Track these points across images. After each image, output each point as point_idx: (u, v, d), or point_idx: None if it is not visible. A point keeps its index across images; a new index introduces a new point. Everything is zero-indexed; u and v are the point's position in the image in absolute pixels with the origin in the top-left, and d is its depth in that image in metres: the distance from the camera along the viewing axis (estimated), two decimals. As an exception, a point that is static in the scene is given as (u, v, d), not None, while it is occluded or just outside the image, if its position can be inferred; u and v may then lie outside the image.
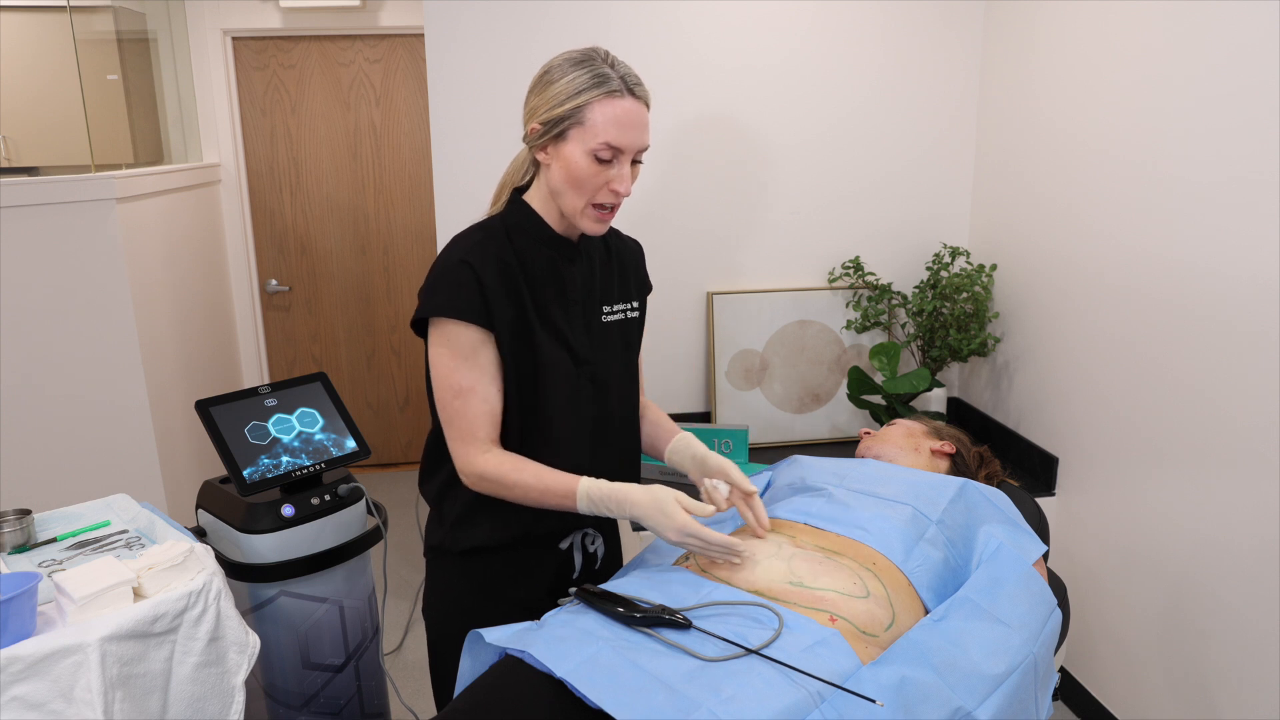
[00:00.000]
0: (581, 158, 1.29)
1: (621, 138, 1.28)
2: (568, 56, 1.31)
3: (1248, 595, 1.77)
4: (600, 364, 1.45)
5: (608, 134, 1.27)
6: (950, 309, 2.59)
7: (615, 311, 1.48)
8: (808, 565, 1.27)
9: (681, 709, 0.99)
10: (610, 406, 1.47)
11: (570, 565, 1.51)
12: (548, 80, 1.31)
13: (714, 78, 2.58)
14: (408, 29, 3.87)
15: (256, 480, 1.77)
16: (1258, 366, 1.71)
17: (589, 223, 1.35)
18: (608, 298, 1.48)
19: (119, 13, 3.48)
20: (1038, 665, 1.25)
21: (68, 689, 1.28)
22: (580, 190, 1.32)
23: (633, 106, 1.29)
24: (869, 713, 1.02)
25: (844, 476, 1.53)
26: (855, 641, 1.16)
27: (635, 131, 1.30)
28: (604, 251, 1.50)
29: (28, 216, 2.59)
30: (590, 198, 1.32)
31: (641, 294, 1.55)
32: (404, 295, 4.21)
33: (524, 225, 1.40)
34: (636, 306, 1.53)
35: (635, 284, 1.54)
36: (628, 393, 1.51)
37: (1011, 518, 1.48)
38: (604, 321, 1.46)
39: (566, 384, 1.40)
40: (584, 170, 1.30)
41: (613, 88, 1.27)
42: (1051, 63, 2.33)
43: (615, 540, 1.61)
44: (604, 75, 1.27)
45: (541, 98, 1.31)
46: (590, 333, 1.44)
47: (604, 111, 1.27)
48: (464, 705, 1.12)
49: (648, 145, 1.33)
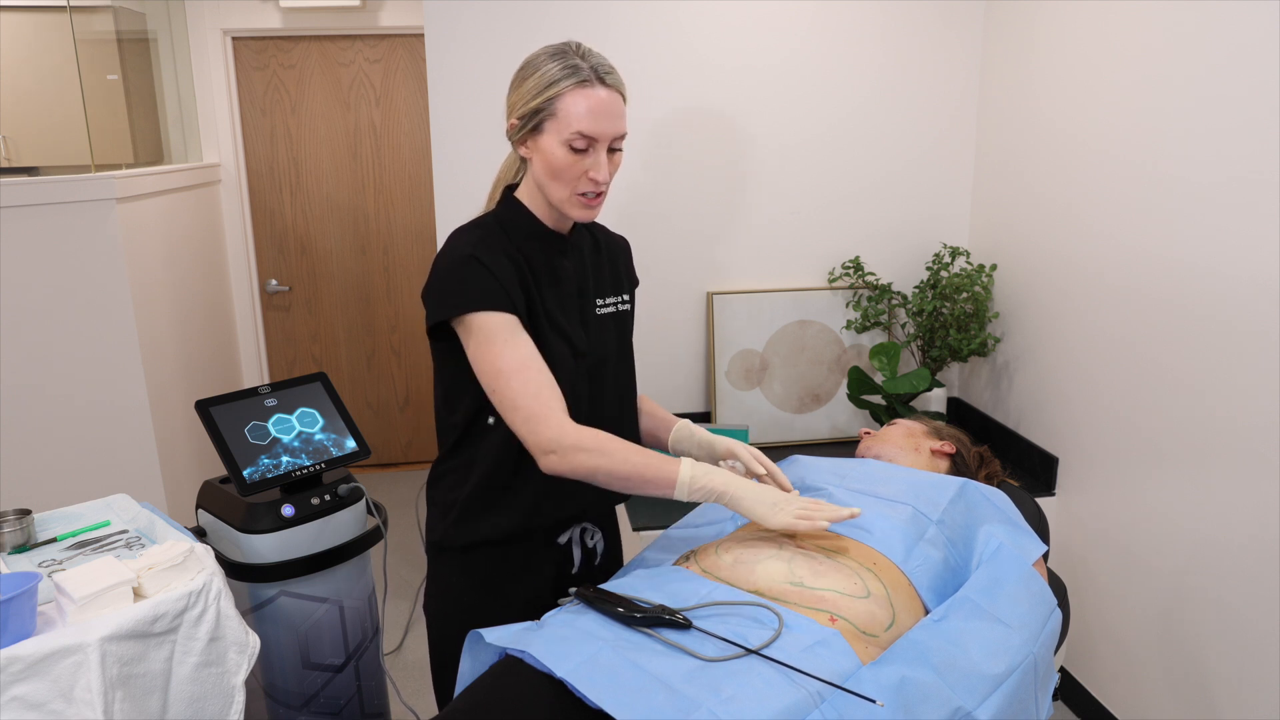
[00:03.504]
0: (557, 148, 1.31)
1: (594, 126, 1.30)
2: (541, 51, 1.34)
3: (1248, 595, 1.77)
4: (596, 356, 1.46)
5: (580, 124, 1.29)
6: (950, 309, 2.59)
7: (608, 304, 1.50)
8: (808, 565, 1.27)
9: (681, 709, 0.99)
10: (608, 398, 1.48)
11: (571, 561, 1.52)
12: (522, 76, 1.34)
13: (714, 78, 2.58)
14: (408, 29, 3.87)
15: (256, 480, 1.77)
16: (1257, 366, 1.71)
17: (577, 210, 1.36)
18: (600, 290, 1.49)
19: (119, 13, 3.48)
20: (1038, 665, 1.25)
21: (68, 689, 1.28)
22: (561, 180, 1.33)
23: (604, 95, 1.30)
24: (869, 713, 1.02)
25: (844, 476, 1.53)
26: (855, 641, 1.16)
27: (607, 120, 1.31)
28: (593, 245, 1.51)
29: (28, 216, 2.59)
30: (573, 188, 1.34)
31: (631, 288, 1.57)
32: (404, 295, 4.21)
33: (517, 221, 1.41)
34: (627, 300, 1.55)
35: (626, 277, 1.57)
36: (625, 385, 1.53)
37: (1011, 518, 1.48)
38: (598, 314, 1.48)
39: (566, 377, 1.40)
40: (561, 160, 1.31)
41: (583, 77, 1.29)
42: (1051, 63, 2.33)
43: (615, 537, 1.62)
44: (574, 66, 1.30)
45: (518, 93, 1.35)
46: (586, 325, 1.45)
47: (575, 101, 1.29)
48: (464, 705, 1.12)
49: (623, 133, 1.35)
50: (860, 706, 1.02)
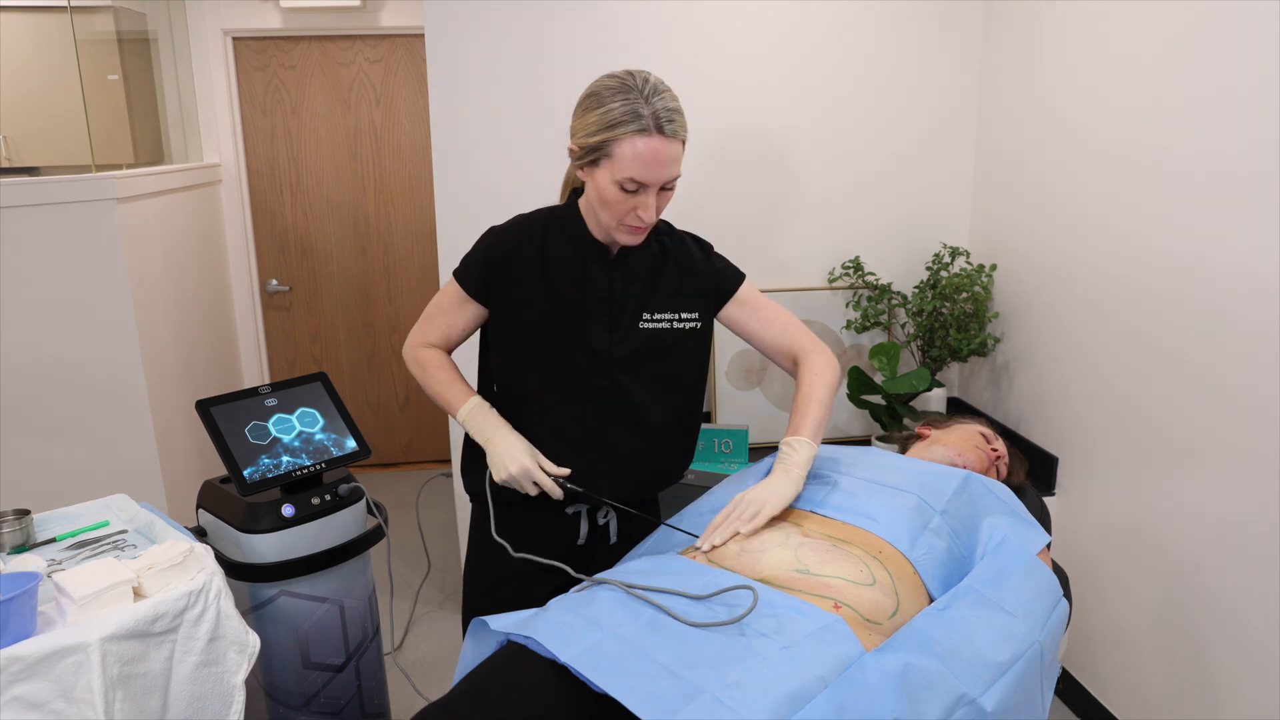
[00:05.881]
0: (610, 186, 1.36)
1: (646, 174, 1.33)
2: (609, 82, 1.36)
3: (1248, 595, 1.77)
4: (621, 364, 1.49)
5: (633, 170, 1.33)
6: (950, 309, 2.59)
7: (659, 319, 1.51)
8: (815, 553, 1.28)
9: (685, 693, 1.00)
10: (628, 406, 1.51)
11: (578, 533, 1.61)
12: (587, 106, 1.37)
13: (714, 78, 2.58)
14: (408, 29, 3.87)
15: (257, 480, 1.77)
16: (1258, 363, 1.71)
17: (623, 236, 1.43)
18: (651, 305, 1.51)
19: (119, 13, 3.48)
20: (1043, 654, 1.25)
21: (68, 689, 1.28)
22: (610, 212, 1.40)
23: (660, 145, 1.33)
24: (872, 699, 1.03)
25: (849, 465, 1.54)
26: (859, 628, 1.17)
27: (660, 168, 1.35)
28: (658, 258, 1.53)
29: (28, 216, 2.59)
30: (620, 220, 1.40)
31: (706, 305, 1.55)
32: (404, 295, 4.21)
33: (566, 223, 1.50)
34: (692, 318, 1.53)
35: (697, 293, 1.54)
36: (657, 397, 1.53)
37: (1015, 509, 1.49)
38: (642, 327, 1.50)
39: (572, 372, 1.49)
40: (612, 197, 1.37)
41: (642, 126, 1.31)
42: (1050, 66, 2.33)
43: (642, 524, 1.62)
44: (635, 111, 1.32)
45: (580, 122, 1.38)
46: (615, 332, 1.49)
47: (632, 148, 1.32)
48: (468, 689, 1.13)
49: (677, 176, 1.38)
50: (863, 693, 1.03)
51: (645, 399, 1.51)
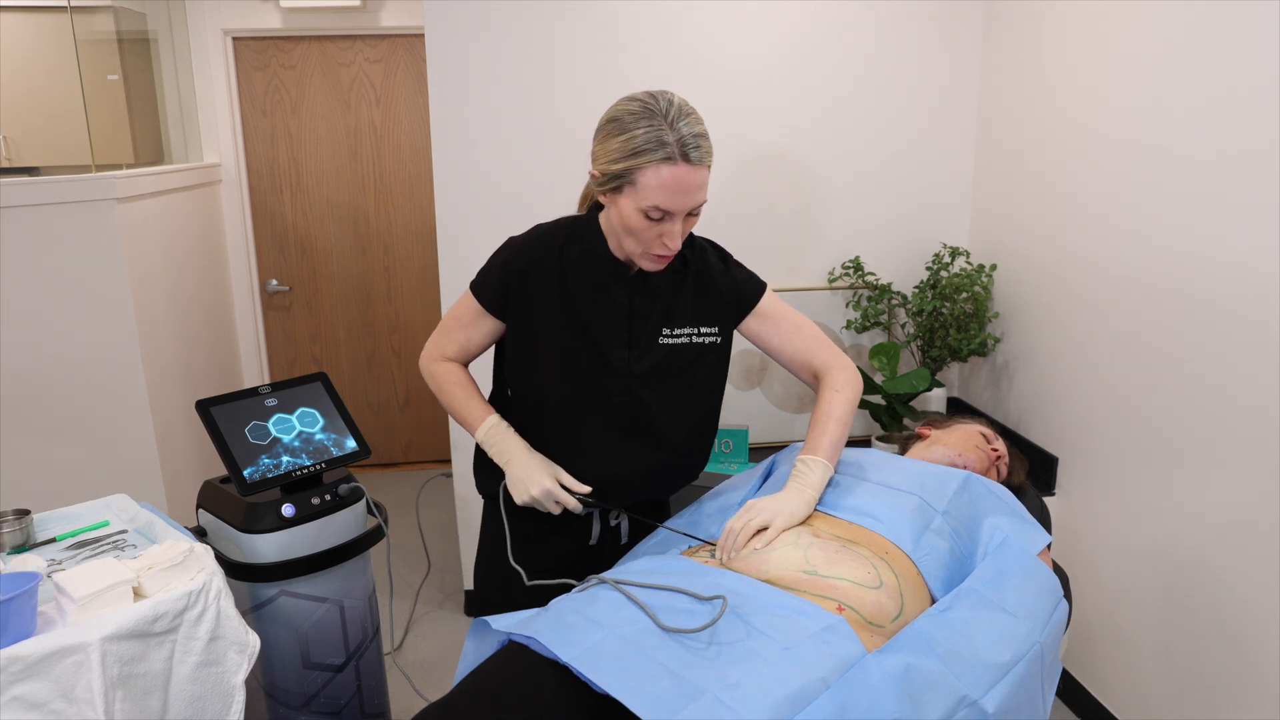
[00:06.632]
0: (633, 213, 1.32)
1: (671, 203, 1.30)
2: (632, 106, 1.31)
3: (1248, 595, 1.77)
4: (640, 380, 1.47)
5: (657, 198, 1.30)
6: (950, 309, 2.59)
7: (679, 335, 1.49)
8: (824, 554, 1.28)
9: (686, 694, 1.00)
10: (647, 421, 1.49)
11: (605, 535, 1.61)
12: (609, 131, 1.33)
13: (714, 78, 2.58)
14: (408, 29, 3.87)
15: (257, 480, 1.77)
16: (1257, 363, 1.71)
17: (646, 263, 1.40)
18: (672, 320, 1.48)
19: (119, 13, 3.48)
20: (1044, 655, 1.25)
21: (68, 689, 1.28)
22: (635, 240, 1.36)
23: (686, 173, 1.29)
24: (874, 700, 1.03)
25: (850, 466, 1.54)
26: (861, 630, 1.17)
27: (686, 196, 1.31)
28: (679, 273, 1.49)
29: (28, 216, 2.59)
30: (645, 247, 1.36)
31: (725, 319, 1.52)
32: (404, 295, 4.21)
33: (585, 239, 1.46)
34: (712, 333, 1.51)
35: (717, 307, 1.51)
36: (678, 412, 1.52)
37: (1015, 510, 1.49)
38: (662, 342, 1.48)
39: (591, 387, 1.47)
40: (636, 224, 1.33)
41: (668, 154, 1.27)
42: (1050, 66, 2.33)
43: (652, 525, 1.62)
44: (660, 139, 1.27)
45: (603, 147, 1.34)
46: (634, 348, 1.47)
47: (656, 176, 1.28)
48: (469, 688, 1.13)
49: (703, 202, 1.35)
50: (865, 694, 1.03)
51: (665, 413, 1.50)
